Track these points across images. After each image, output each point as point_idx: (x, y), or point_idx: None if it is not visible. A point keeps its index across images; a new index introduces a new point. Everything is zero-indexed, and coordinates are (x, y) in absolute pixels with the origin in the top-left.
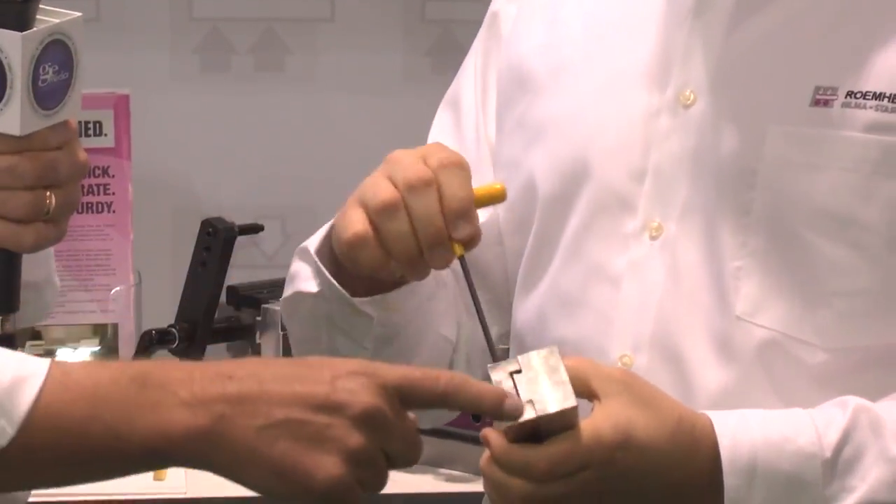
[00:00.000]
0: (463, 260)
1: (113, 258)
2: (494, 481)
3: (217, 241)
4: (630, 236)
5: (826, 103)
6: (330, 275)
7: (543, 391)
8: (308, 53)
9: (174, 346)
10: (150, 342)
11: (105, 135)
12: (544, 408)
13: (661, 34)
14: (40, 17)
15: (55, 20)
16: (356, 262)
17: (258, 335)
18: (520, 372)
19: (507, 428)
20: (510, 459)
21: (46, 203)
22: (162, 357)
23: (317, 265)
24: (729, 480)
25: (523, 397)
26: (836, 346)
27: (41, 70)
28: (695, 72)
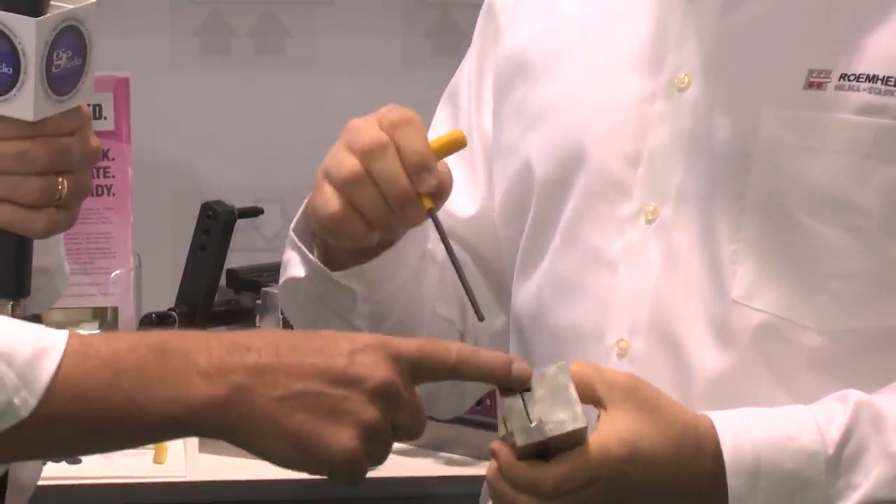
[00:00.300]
0: (432, 212)
1: (113, 241)
2: (501, 494)
3: (217, 225)
4: (626, 220)
5: (819, 86)
6: (317, 255)
7: (553, 410)
8: (308, 36)
9: (174, 329)
10: (150, 325)
11: (105, 118)
12: (553, 428)
13: (656, 18)
14: (54, 3)
15: (69, 6)
16: (338, 238)
17: (258, 318)
18: (529, 390)
19: (516, 445)
20: (518, 476)
21: (59, 189)
22: None
23: (301, 250)
24: (732, 482)
25: (532, 416)
26: (833, 329)
27: (55, 56)
28: (689, 55)
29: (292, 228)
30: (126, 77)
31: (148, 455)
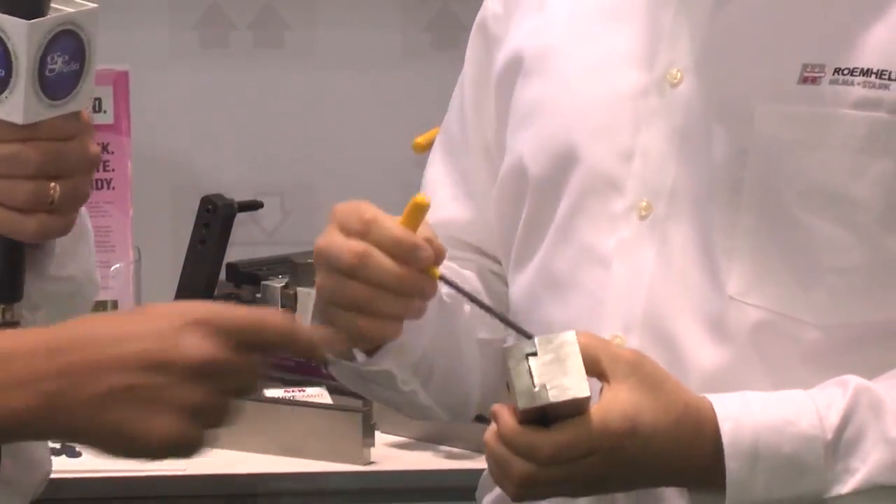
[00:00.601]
0: (443, 278)
1: (112, 235)
2: (498, 457)
3: (216, 218)
4: (619, 217)
5: (814, 80)
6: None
7: (558, 377)
8: (307, 29)
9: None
10: None
11: (104, 111)
12: (556, 394)
13: (648, 14)
14: (55, 6)
15: (69, 10)
16: (376, 342)
17: None
18: (536, 354)
19: (517, 408)
20: (516, 440)
21: (50, 193)
22: None
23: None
24: (731, 464)
25: (537, 380)
26: (830, 324)
27: (49, 59)
28: (681, 51)
29: None
30: (125, 70)
31: None
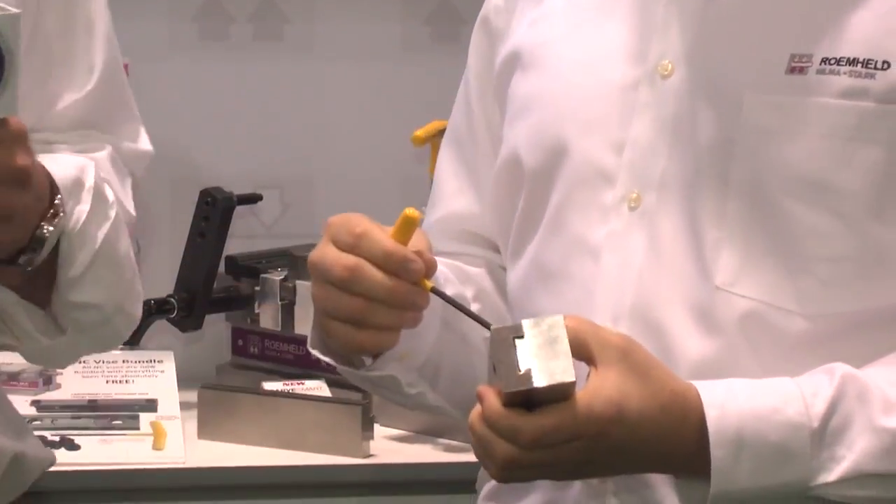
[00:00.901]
0: (435, 290)
1: None
2: (481, 438)
3: (216, 211)
4: (609, 208)
5: (801, 70)
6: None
7: (544, 361)
8: (306, 22)
9: (173, 316)
10: (149, 312)
11: None
12: (542, 379)
13: (640, 7)
14: None
15: None
16: (364, 353)
17: (257, 305)
18: (522, 338)
19: (502, 391)
20: (500, 423)
21: None
22: (160, 327)
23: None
24: (716, 452)
25: (522, 364)
26: (817, 313)
27: None
28: (672, 43)
29: (310, 346)
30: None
31: (147, 441)
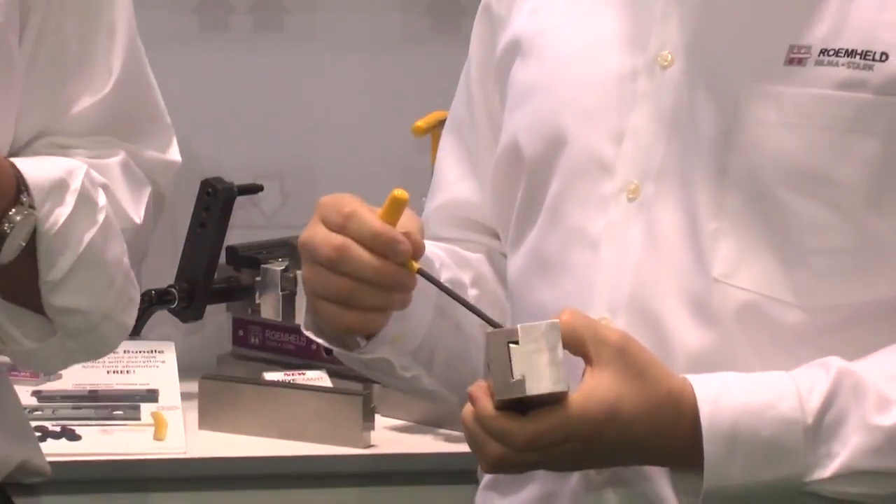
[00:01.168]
0: (421, 271)
1: None
2: (473, 437)
3: (216, 202)
4: (608, 198)
5: (800, 62)
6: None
7: (537, 368)
8: (306, 13)
9: (173, 307)
10: (150, 302)
11: None
12: (534, 387)
13: None
14: None
15: None
16: (355, 335)
17: (257, 295)
18: (517, 343)
19: (494, 396)
20: (493, 426)
21: None
22: (161, 317)
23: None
24: (709, 447)
25: (516, 370)
26: (815, 306)
27: None
28: (672, 33)
29: (304, 328)
30: None
31: (148, 432)
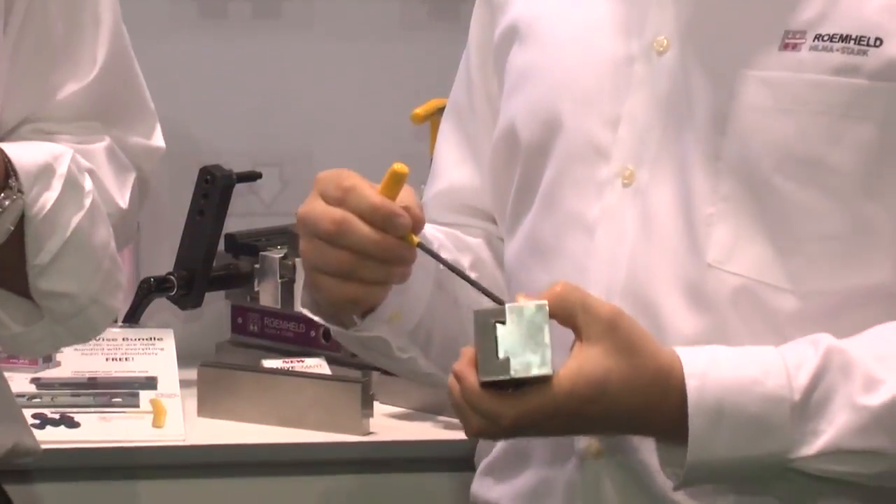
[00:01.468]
0: (421, 245)
1: None
2: (459, 409)
3: (215, 189)
4: (604, 184)
5: (795, 47)
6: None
7: (522, 350)
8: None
9: (172, 294)
10: (149, 290)
11: None
12: (519, 370)
13: None
14: None
15: None
16: (354, 310)
17: (256, 283)
18: (504, 323)
19: (479, 377)
20: (479, 405)
21: None
22: (160, 305)
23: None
24: (694, 421)
25: (501, 351)
26: (809, 291)
27: None
28: (668, 19)
29: (301, 306)
30: None
31: (147, 419)
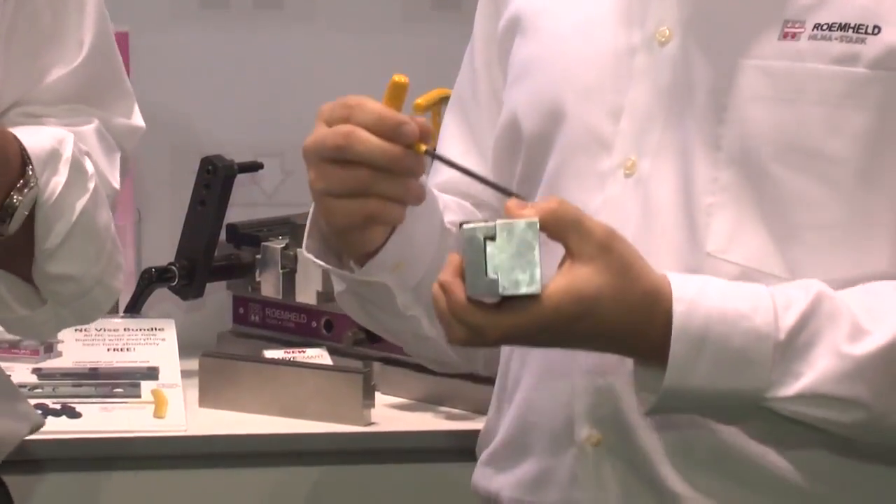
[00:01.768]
0: (430, 151)
1: None
2: (445, 321)
3: (217, 179)
4: (606, 174)
5: (794, 36)
6: (351, 262)
7: (511, 268)
8: None
9: (174, 284)
10: (150, 280)
11: None
12: (507, 287)
13: None
14: None
15: None
16: (365, 241)
17: (258, 273)
18: (494, 239)
19: (466, 292)
20: (465, 318)
21: None
22: (161, 295)
23: (321, 264)
24: (675, 346)
25: (490, 268)
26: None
27: None
28: (670, 9)
29: (305, 251)
30: (125, 32)
31: (148, 409)
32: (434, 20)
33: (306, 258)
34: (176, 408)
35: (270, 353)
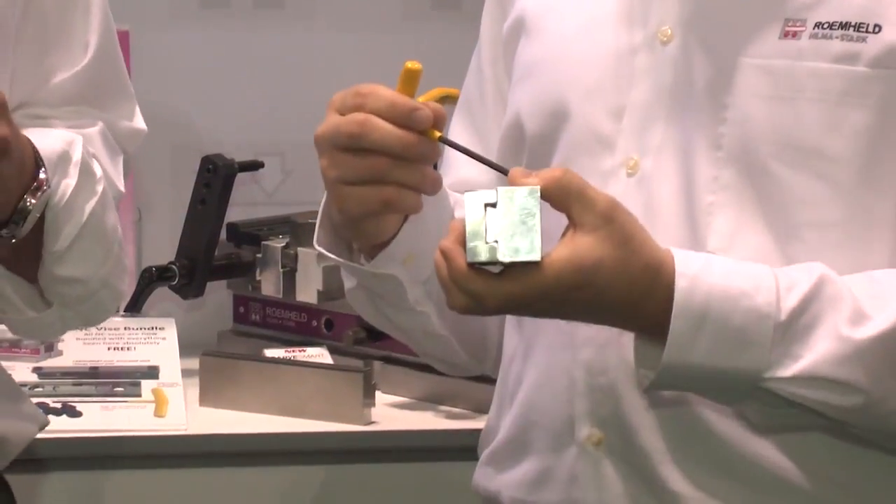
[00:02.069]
0: (443, 138)
1: None
2: (445, 285)
3: (217, 178)
4: (608, 174)
5: (795, 35)
6: (361, 257)
7: (511, 235)
8: None
9: (174, 284)
10: (150, 279)
11: None
12: (507, 254)
13: None
14: None
15: None
16: (378, 230)
17: (258, 272)
18: (495, 206)
19: (466, 259)
20: (466, 285)
21: None
22: (161, 294)
23: (333, 258)
24: (676, 322)
25: (490, 234)
26: None
27: None
28: (671, 9)
29: (316, 243)
30: (126, 31)
31: (148, 408)
32: (434, 20)
33: (309, 256)
34: (176, 407)
35: (271, 353)
